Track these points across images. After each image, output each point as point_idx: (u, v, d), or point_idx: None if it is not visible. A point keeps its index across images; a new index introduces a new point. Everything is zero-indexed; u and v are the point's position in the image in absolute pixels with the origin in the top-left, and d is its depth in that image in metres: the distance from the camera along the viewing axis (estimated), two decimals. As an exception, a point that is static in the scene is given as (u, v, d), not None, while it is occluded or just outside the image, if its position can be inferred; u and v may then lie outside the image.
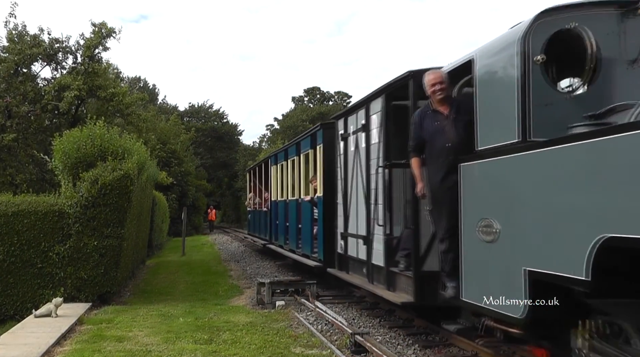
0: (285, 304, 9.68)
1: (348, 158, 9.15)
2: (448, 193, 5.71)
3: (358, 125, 8.59)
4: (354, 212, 8.82)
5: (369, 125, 8.10)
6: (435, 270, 6.28)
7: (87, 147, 10.59)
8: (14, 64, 20.35)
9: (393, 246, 7.40)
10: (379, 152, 7.65)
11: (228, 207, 57.37)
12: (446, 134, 5.84)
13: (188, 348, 6.80)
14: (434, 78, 5.97)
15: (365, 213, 8.18)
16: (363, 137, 8.33)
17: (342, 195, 9.45)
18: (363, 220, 8.30)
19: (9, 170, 19.94)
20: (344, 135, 9.28)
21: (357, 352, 6.54)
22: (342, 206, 9.40)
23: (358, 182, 8.57)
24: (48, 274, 9.78)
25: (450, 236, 5.70)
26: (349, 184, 9.09)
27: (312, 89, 59.12)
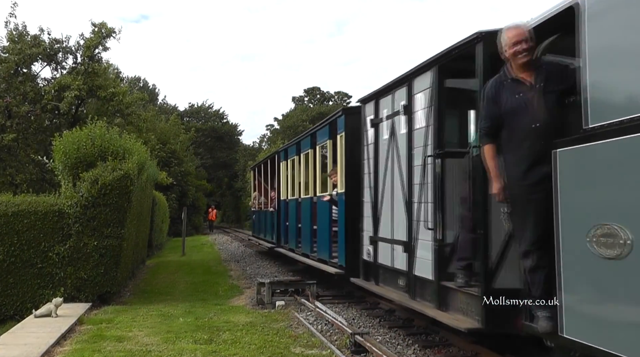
0: (285, 304, 9.68)
1: (380, 148, 7.83)
2: (536, 190, 4.40)
3: (395, 108, 7.24)
4: (387, 213, 7.56)
5: (411, 107, 6.76)
6: (511, 288, 4.91)
7: (87, 147, 10.59)
8: (14, 64, 20.34)
9: (446, 254, 6.04)
10: (427, 138, 6.29)
11: (228, 207, 57.40)
12: (533, 110, 4.49)
13: (188, 348, 6.80)
14: (516, 34, 4.55)
15: (405, 214, 6.88)
16: (403, 122, 7.01)
17: (371, 192, 8.17)
18: (402, 222, 6.98)
19: (9, 170, 19.94)
20: (375, 121, 7.95)
21: (357, 352, 6.54)
22: (371, 204, 8.11)
23: (394, 176, 7.29)
24: (48, 274, 9.78)
25: (539, 248, 4.39)
26: (380, 179, 7.80)
27: (312, 89, 59.14)
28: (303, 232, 12.64)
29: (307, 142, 12.45)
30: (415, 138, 6.68)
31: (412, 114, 6.75)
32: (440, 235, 6.04)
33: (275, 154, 17.33)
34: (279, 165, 15.98)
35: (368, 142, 8.35)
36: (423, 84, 6.51)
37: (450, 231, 6.06)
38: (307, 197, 12.36)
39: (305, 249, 12.23)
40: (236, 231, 39.33)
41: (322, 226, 10.90)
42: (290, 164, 14.38)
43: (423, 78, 6.53)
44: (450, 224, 6.06)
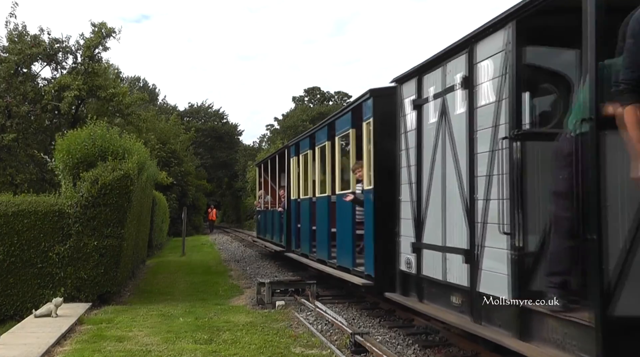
0: (285, 304, 9.68)
1: (424, 134, 6.59)
2: None
3: (448, 83, 6.05)
4: (435, 214, 6.28)
5: (473, 79, 5.53)
6: None
7: (88, 147, 10.60)
8: (14, 64, 20.35)
9: (527, 267, 4.79)
10: (498, 116, 5.09)
11: (228, 207, 57.45)
12: None
13: (188, 348, 6.80)
14: None
15: (464, 214, 5.63)
16: (459, 99, 5.78)
17: (411, 189, 6.89)
18: (459, 225, 5.73)
19: (9, 170, 19.95)
20: (418, 102, 6.72)
21: (357, 352, 6.54)
22: (412, 203, 6.85)
23: (446, 168, 6.05)
24: (48, 274, 9.78)
25: None
26: (425, 173, 6.53)
27: (313, 89, 59.15)
28: (319, 235, 11.26)
29: (324, 134, 11.03)
30: (478, 118, 5.41)
31: (475, 88, 5.49)
32: (521, 241, 4.78)
33: (284, 148, 15.76)
34: (288, 161, 14.61)
35: (407, 129, 7.09)
36: (491, 47, 5.26)
37: (533, 236, 4.80)
38: (323, 196, 11.04)
39: (322, 254, 10.98)
40: (236, 231, 39.35)
41: (343, 229, 9.58)
42: (303, 159, 13.05)
43: (491, 41, 5.28)
44: (532, 227, 4.80)
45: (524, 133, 4.87)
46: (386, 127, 7.83)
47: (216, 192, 55.36)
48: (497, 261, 5.03)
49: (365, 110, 8.60)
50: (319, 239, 11.25)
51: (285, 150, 15.19)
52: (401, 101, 7.31)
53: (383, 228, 7.89)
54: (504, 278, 4.89)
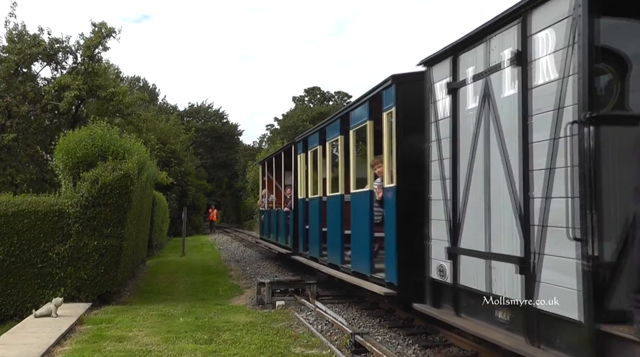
0: (285, 304, 9.67)
1: (461, 122, 5.79)
2: None
3: (492, 61, 5.26)
4: (477, 214, 5.46)
5: (528, 54, 4.72)
6: None
7: (88, 147, 10.61)
8: (14, 64, 20.36)
9: (604, 281, 4.00)
10: (563, 97, 4.29)
11: (228, 207, 57.45)
12: None
13: (188, 348, 6.80)
14: None
15: (516, 215, 4.82)
16: (508, 78, 4.99)
17: (444, 185, 6.10)
18: (509, 227, 4.92)
19: (9, 170, 19.95)
20: (453, 85, 5.93)
21: (357, 352, 6.54)
22: (446, 202, 6.07)
23: (491, 160, 5.25)
24: (48, 274, 9.78)
25: None
26: (462, 167, 5.76)
27: (313, 89, 59.18)
28: (330, 238, 10.44)
29: (335, 128, 10.20)
30: (535, 100, 4.61)
31: (529, 65, 4.71)
32: (595, 249, 3.98)
33: (290, 145, 14.61)
34: (295, 158, 13.68)
35: (438, 117, 6.27)
36: (553, 14, 4.46)
37: (610, 243, 4.02)
38: (335, 195, 10.16)
39: (334, 258, 10.13)
40: (236, 231, 39.36)
41: (360, 231, 8.71)
42: (312, 156, 12.14)
43: (552, 6, 4.47)
44: (610, 231, 4.01)
45: (600, 116, 3.99)
46: (411, 116, 7.01)
47: (216, 192, 55.37)
48: (563, 272, 4.21)
49: (386, 99, 7.70)
50: (331, 242, 10.43)
51: (292, 147, 14.15)
52: (431, 86, 6.44)
53: (407, 230, 7.09)
54: (573, 294, 4.09)
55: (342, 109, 10.10)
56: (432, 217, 6.40)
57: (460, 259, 5.78)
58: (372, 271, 8.20)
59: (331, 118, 10.82)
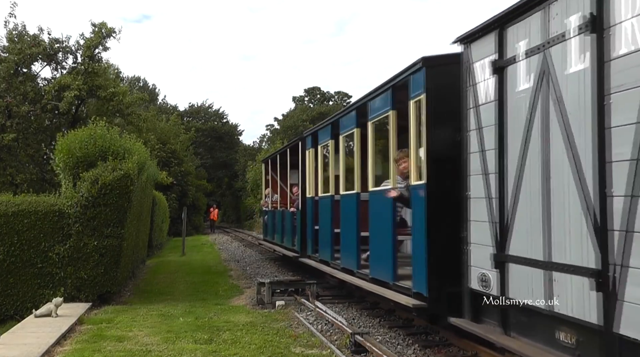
0: (285, 304, 9.68)
1: (509, 106, 5.04)
2: None
3: (555, 31, 4.45)
4: (532, 214, 4.69)
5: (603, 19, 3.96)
6: None
7: (88, 147, 10.61)
8: (14, 64, 20.37)
9: None
10: None
11: (228, 207, 57.46)
12: None
13: (188, 348, 6.80)
14: None
15: (589, 218, 4.05)
16: (576, 51, 4.21)
17: (486, 181, 5.33)
18: (578, 232, 4.16)
19: (9, 170, 19.97)
20: (500, 63, 5.13)
21: (357, 352, 6.54)
22: (489, 201, 5.29)
23: (551, 149, 4.49)
24: (48, 274, 9.78)
25: None
26: (511, 158, 4.98)
27: (313, 89, 59.20)
28: (344, 240, 9.57)
29: (351, 120, 9.32)
30: (615, 74, 3.83)
31: (608, 31, 3.93)
32: None
33: (297, 141, 13.66)
34: (303, 154, 12.85)
35: (479, 102, 5.50)
36: None
37: None
38: (350, 194, 9.33)
39: (348, 262, 9.27)
40: (236, 231, 39.37)
41: (380, 234, 7.87)
42: (322, 151, 11.38)
43: None
44: None
45: None
46: (444, 104, 6.32)
47: (216, 192, 55.39)
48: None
49: (413, 85, 6.84)
50: (345, 244, 9.53)
51: (299, 143, 13.24)
52: (469, 67, 5.67)
53: (439, 233, 6.31)
54: None
55: (358, 100, 9.11)
56: (472, 218, 5.58)
57: (509, 268, 4.99)
58: (394, 278, 7.29)
59: (345, 109, 9.77)
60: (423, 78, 6.55)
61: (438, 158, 6.46)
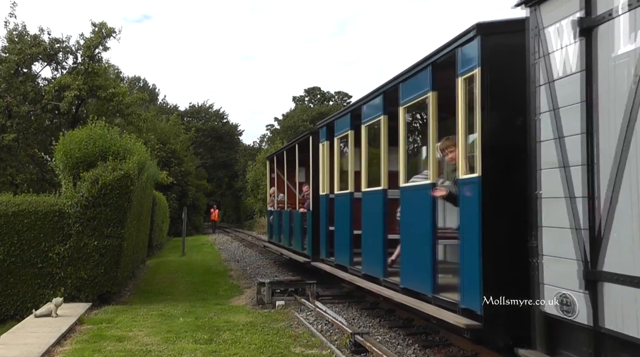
0: (285, 304, 9.68)
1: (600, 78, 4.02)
2: None
3: None
4: None
5: None
6: None
7: (88, 147, 10.61)
8: (14, 64, 20.38)
9: None
10: None
11: (228, 207, 57.48)
12: None
13: (188, 348, 6.80)
14: None
15: None
16: None
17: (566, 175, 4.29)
18: None
19: (9, 170, 19.97)
20: (588, 22, 4.10)
21: (357, 352, 6.54)
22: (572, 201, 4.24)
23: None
24: (48, 274, 9.78)
25: None
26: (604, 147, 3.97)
27: (313, 89, 59.21)
28: (367, 243, 8.49)
29: (376, 106, 8.14)
30: None
31: None
32: None
33: (307, 135, 12.66)
34: (315, 149, 11.75)
35: (554, 76, 4.45)
36: None
37: None
38: (375, 191, 8.15)
39: (372, 269, 8.17)
40: (236, 231, 39.39)
41: (416, 236, 6.77)
42: (338, 144, 10.25)
43: None
44: None
45: None
46: (503, 80, 5.33)
47: (216, 192, 55.42)
48: None
49: (462, 59, 5.73)
50: (368, 248, 8.46)
51: (310, 137, 12.20)
52: (538, 33, 4.63)
53: (496, 238, 5.28)
54: None
55: (385, 83, 7.82)
56: (544, 224, 4.52)
57: (604, 289, 3.92)
58: (434, 290, 6.19)
59: (369, 96, 8.48)
60: (477, 49, 5.39)
61: (496, 147, 5.34)
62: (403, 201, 7.23)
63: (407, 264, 7.05)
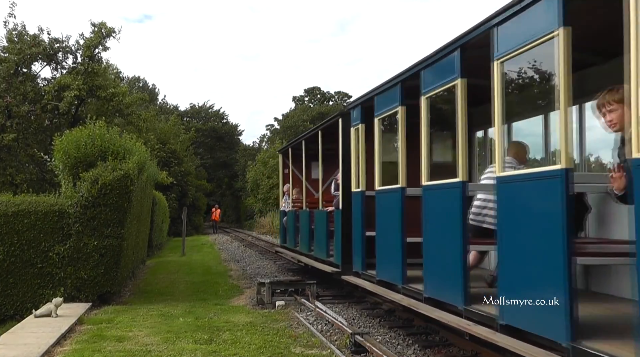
0: (285, 304, 9.67)
1: None
2: None
3: None
4: None
5: None
6: None
7: (87, 147, 10.60)
8: (14, 64, 20.39)
9: None
10: None
11: (228, 207, 57.53)
12: None
13: (188, 348, 6.79)
14: None
15: None
16: None
17: None
18: None
19: (9, 170, 19.99)
20: None
21: (357, 352, 6.53)
22: None
23: None
24: (48, 274, 9.78)
25: None
26: None
27: (313, 89, 59.23)
28: (432, 255, 6.33)
29: (445, 69, 5.96)
30: None
31: None
32: None
33: (335, 118, 10.33)
34: (346, 135, 9.66)
35: None
36: None
37: None
38: (446, 185, 6.02)
39: (444, 292, 6.06)
40: (236, 231, 39.41)
41: (530, 250, 4.62)
42: (379, 127, 8.03)
43: None
44: None
45: None
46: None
47: (216, 192, 55.48)
48: None
49: None
50: (434, 263, 6.27)
51: (339, 120, 10.00)
52: None
53: None
54: None
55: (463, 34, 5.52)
56: None
57: None
58: (573, 335, 4.02)
59: (434, 55, 6.16)
60: None
61: None
62: (503, 197, 5.05)
63: (517, 290, 4.73)
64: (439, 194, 6.27)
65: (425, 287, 6.42)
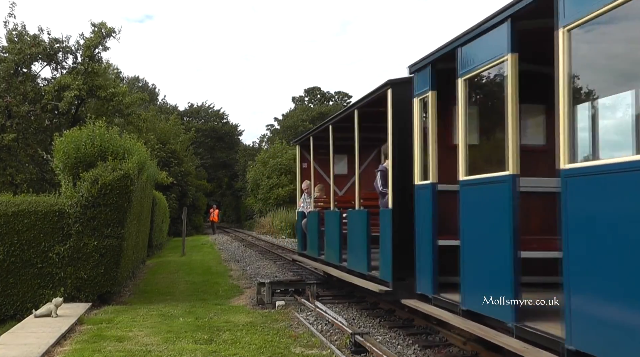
0: (285, 304, 9.67)
1: None
2: None
3: None
4: None
5: None
6: None
7: (87, 147, 10.60)
8: (14, 64, 20.38)
9: None
10: None
11: (228, 207, 57.56)
12: None
13: (188, 348, 6.79)
14: None
15: None
16: None
17: None
18: None
19: (9, 170, 19.98)
20: None
21: (357, 352, 6.53)
22: None
23: None
24: (48, 274, 9.77)
25: None
26: None
27: (313, 89, 59.25)
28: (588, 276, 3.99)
29: None
30: None
31: None
32: None
33: (386, 87, 7.63)
34: (399, 111, 7.39)
35: None
36: None
37: None
38: (621, 167, 3.65)
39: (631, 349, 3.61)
40: (236, 231, 39.42)
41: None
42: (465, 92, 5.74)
43: None
44: None
45: None
46: None
47: (216, 192, 55.51)
48: None
49: None
50: (593, 287, 3.98)
51: (389, 91, 7.53)
52: None
53: None
54: None
55: None
56: None
57: None
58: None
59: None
60: None
61: None
62: None
63: None
64: (598, 182, 3.94)
65: (567, 336, 4.11)
